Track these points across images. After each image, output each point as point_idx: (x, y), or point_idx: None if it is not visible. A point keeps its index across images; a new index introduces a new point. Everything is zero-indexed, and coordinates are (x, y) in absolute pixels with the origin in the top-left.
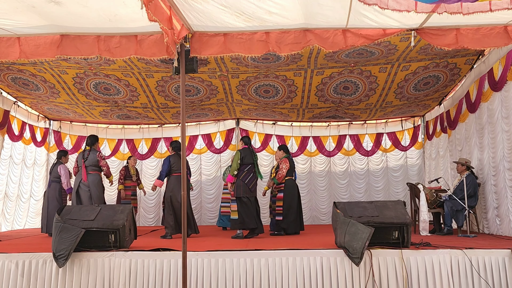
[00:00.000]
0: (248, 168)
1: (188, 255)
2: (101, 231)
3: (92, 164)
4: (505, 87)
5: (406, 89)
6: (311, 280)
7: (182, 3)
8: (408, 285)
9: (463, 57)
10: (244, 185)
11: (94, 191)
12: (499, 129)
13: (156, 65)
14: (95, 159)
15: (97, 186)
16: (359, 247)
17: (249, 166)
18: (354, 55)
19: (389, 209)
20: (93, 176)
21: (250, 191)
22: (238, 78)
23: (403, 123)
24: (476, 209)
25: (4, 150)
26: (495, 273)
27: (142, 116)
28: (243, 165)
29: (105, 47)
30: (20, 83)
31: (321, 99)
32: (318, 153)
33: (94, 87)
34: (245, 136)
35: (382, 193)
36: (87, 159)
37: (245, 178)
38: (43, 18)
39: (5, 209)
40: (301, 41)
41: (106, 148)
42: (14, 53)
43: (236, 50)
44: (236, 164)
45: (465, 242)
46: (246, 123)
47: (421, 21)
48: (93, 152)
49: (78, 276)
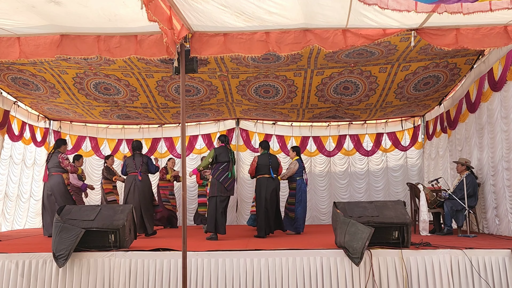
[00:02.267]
0: (223, 166)
1: (188, 255)
2: (101, 231)
3: (54, 166)
4: (505, 87)
5: (406, 89)
6: (311, 280)
7: (182, 3)
8: (408, 285)
9: (463, 57)
10: (219, 183)
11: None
12: (498, 129)
13: (156, 65)
14: (57, 161)
15: (57, 186)
16: (359, 247)
17: (224, 164)
18: (354, 55)
19: (389, 209)
20: (55, 177)
21: (226, 190)
22: (238, 78)
23: (403, 123)
24: (476, 209)
25: (4, 150)
26: (495, 273)
27: (142, 116)
28: (218, 163)
29: (105, 47)
30: (20, 83)
31: (321, 99)
32: (318, 153)
33: (94, 87)
34: (222, 135)
35: (382, 193)
36: (49, 161)
37: (219, 177)
38: (43, 18)
39: (5, 209)
40: (301, 41)
41: (106, 148)
42: (14, 53)
43: (236, 50)
44: (206, 161)
45: (465, 242)
46: (246, 123)
47: (421, 21)
48: (56, 154)
49: (78, 276)
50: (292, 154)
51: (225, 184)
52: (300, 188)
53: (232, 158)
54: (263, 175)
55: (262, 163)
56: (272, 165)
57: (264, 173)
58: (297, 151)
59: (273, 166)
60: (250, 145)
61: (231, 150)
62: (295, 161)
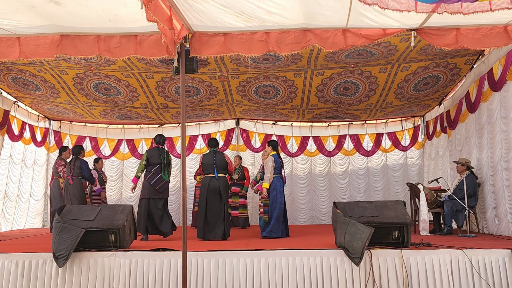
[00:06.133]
0: (155, 168)
1: (188, 255)
2: (101, 231)
3: (54, 171)
4: (505, 87)
5: (406, 90)
6: (311, 280)
7: (182, 3)
8: (408, 285)
9: (463, 57)
10: (150, 186)
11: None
12: (498, 129)
13: (156, 65)
14: (55, 167)
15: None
16: (359, 247)
17: (156, 167)
18: (354, 55)
19: (389, 209)
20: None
21: (157, 193)
22: (238, 79)
23: (403, 123)
24: (476, 209)
25: (3, 150)
26: (495, 273)
27: (142, 117)
28: (150, 165)
29: (105, 47)
30: (20, 83)
31: (321, 99)
32: (318, 153)
33: (94, 88)
34: (157, 135)
35: (381, 193)
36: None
37: (150, 179)
38: (43, 18)
39: (5, 209)
40: (301, 41)
41: (106, 148)
42: (14, 53)
43: (236, 50)
44: (140, 165)
45: (465, 242)
46: (246, 123)
47: (421, 21)
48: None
49: (78, 276)
50: (268, 149)
51: (156, 186)
52: (275, 187)
53: (165, 160)
54: (207, 174)
55: (206, 162)
56: (217, 163)
57: (208, 172)
58: (273, 145)
59: (218, 165)
60: (250, 145)
61: (165, 151)
62: (270, 156)
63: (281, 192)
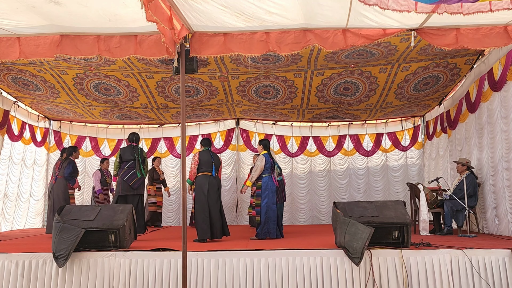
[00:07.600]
0: (129, 165)
1: (188, 255)
2: (101, 231)
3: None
4: (505, 87)
5: (406, 90)
6: (311, 280)
7: (182, 3)
8: (408, 285)
9: (463, 57)
10: (123, 182)
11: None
12: (498, 129)
13: (156, 66)
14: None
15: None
16: (359, 247)
17: (129, 163)
18: (354, 56)
19: (389, 209)
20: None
21: (132, 189)
22: (238, 79)
23: (403, 123)
24: (476, 209)
25: (3, 150)
26: (495, 273)
27: (142, 117)
28: (123, 162)
29: (105, 47)
30: (20, 83)
31: (321, 100)
32: (318, 153)
33: (94, 88)
34: (130, 133)
35: (381, 193)
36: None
37: (124, 175)
38: (43, 18)
39: (4, 209)
40: (301, 41)
41: (106, 148)
42: (14, 53)
43: (236, 50)
44: (115, 164)
45: (465, 242)
46: (246, 123)
47: (421, 21)
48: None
49: (78, 276)
50: (259, 148)
51: (130, 182)
52: (266, 187)
53: (139, 157)
54: (204, 172)
55: (204, 159)
56: (215, 162)
57: (205, 170)
58: (264, 144)
59: (215, 164)
60: (250, 145)
61: (139, 148)
62: (261, 156)
63: (273, 192)
